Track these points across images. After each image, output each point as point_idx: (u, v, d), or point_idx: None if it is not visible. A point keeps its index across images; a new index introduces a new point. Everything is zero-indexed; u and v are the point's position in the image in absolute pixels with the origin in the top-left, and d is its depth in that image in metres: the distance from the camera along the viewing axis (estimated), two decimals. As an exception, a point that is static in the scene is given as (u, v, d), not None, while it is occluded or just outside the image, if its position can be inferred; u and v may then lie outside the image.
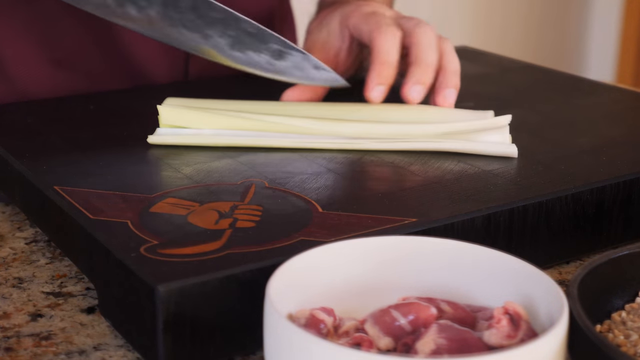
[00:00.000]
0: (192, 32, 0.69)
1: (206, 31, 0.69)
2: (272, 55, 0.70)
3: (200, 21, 0.68)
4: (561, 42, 2.78)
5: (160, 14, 0.68)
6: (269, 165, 0.66)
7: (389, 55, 0.74)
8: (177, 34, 0.69)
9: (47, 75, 0.86)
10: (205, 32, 0.69)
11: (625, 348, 0.48)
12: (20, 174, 0.64)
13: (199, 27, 0.69)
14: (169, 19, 0.68)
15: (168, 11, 0.68)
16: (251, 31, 0.69)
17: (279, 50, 0.70)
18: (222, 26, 0.69)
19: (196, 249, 0.51)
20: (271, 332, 0.43)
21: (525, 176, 0.63)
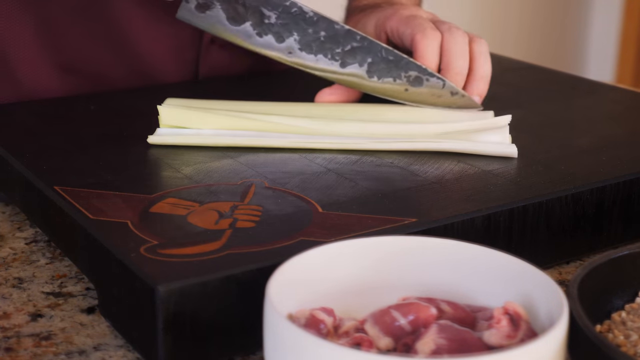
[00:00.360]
0: (330, 61, 0.72)
1: (345, 59, 0.72)
2: (409, 82, 0.72)
3: (339, 50, 0.71)
4: (561, 42, 2.78)
5: (299, 44, 0.71)
6: (269, 165, 0.66)
7: (431, 58, 0.75)
8: (315, 62, 0.72)
9: (56, 78, 0.86)
10: (345, 60, 0.72)
11: (625, 348, 0.48)
12: (20, 174, 0.64)
13: (338, 56, 0.71)
14: (308, 48, 0.71)
15: (307, 40, 0.71)
16: (390, 58, 0.72)
17: (416, 77, 0.72)
18: (362, 54, 0.72)
19: (196, 249, 0.51)
20: (271, 332, 0.43)
21: (525, 176, 0.63)
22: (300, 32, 0.71)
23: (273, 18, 0.70)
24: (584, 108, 0.82)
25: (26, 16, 0.83)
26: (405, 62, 0.72)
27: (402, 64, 0.72)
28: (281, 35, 0.71)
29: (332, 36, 0.71)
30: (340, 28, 0.71)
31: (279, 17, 0.70)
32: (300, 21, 0.71)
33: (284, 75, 0.93)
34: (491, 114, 0.73)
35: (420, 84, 0.72)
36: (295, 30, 0.71)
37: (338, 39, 0.71)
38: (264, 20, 0.70)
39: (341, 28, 0.71)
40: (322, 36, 0.71)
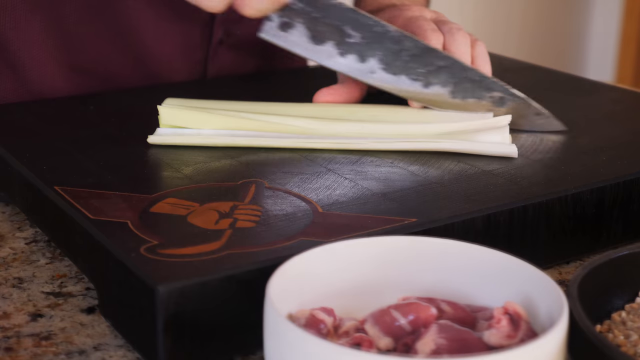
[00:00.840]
0: (413, 81, 0.70)
1: (429, 79, 0.70)
2: (494, 102, 0.71)
3: (424, 70, 0.70)
4: (561, 42, 2.78)
5: (382, 63, 0.70)
6: (269, 165, 0.66)
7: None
8: (396, 82, 0.71)
9: (64, 78, 0.86)
10: (428, 80, 0.70)
11: (625, 348, 0.48)
12: (20, 174, 0.64)
13: (422, 76, 0.70)
14: (390, 68, 0.70)
15: (390, 60, 0.70)
16: (475, 79, 0.71)
17: (500, 97, 0.71)
18: (446, 74, 0.70)
19: (196, 249, 0.51)
20: (271, 332, 0.43)
21: (525, 176, 0.63)
22: (383, 51, 0.70)
23: (357, 37, 0.69)
24: (584, 108, 0.82)
25: (35, 16, 0.84)
26: (489, 82, 0.71)
27: (486, 84, 0.71)
28: (363, 55, 0.70)
29: (416, 55, 0.70)
30: (425, 47, 0.70)
31: (363, 37, 0.69)
32: (384, 40, 0.69)
33: (289, 75, 0.93)
34: (491, 114, 0.73)
35: (503, 104, 0.71)
36: (378, 50, 0.70)
37: (422, 58, 0.70)
38: (346, 40, 0.69)
39: (425, 47, 0.70)
40: (406, 55, 0.70)
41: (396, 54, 0.69)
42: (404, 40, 0.69)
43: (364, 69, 0.70)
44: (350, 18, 0.69)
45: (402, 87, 0.71)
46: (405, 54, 0.70)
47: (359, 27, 0.69)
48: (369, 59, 0.70)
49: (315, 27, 0.69)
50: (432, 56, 0.70)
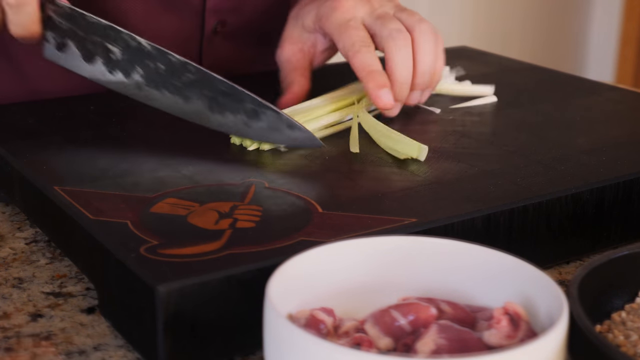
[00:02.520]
0: (174, 95, 0.68)
1: (185, 93, 0.68)
2: (248, 115, 0.68)
3: (179, 83, 0.68)
4: (561, 42, 2.78)
5: (145, 79, 0.68)
6: (269, 165, 0.66)
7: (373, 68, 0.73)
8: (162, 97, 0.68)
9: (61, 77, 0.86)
10: (186, 95, 0.68)
11: (625, 348, 0.48)
12: (20, 174, 0.64)
13: (179, 90, 0.68)
14: (153, 83, 0.68)
15: (151, 75, 0.68)
16: (226, 91, 0.67)
17: (253, 110, 0.67)
18: (200, 87, 0.67)
19: (196, 249, 0.51)
20: (271, 332, 0.43)
21: (525, 176, 0.63)
22: (143, 66, 0.67)
23: (118, 54, 0.67)
24: (584, 108, 0.82)
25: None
26: (239, 94, 0.67)
27: (236, 96, 0.67)
28: (128, 72, 0.68)
29: (169, 69, 0.67)
30: (176, 60, 0.67)
31: (123, 53, 0.67)
32: (140, 55, 0.67)
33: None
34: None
35: (258, 118, 0.68)
36: (139, 65, 0.67)
37: (175, 71, 0.67)
38: (111, 57, 0.68)
39: (177, 60, 0.67)
40: (162, 70, 0.67)
41: (154, 68, 0.67)
42: (157, 54, 0.67)
43: (130, 85, 0.68)
44: (109, 35, 0.67)
45: (167, 102, 0.68)
46: (161, 68, 0.67)
47: (118, 43, 0.67)
48: (133, 75, 0.68)
49: (84, 46, 0.67)
50: (183, 69, 0.67)
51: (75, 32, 0.67)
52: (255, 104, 0.67)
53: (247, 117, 0.67)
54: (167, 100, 0.68)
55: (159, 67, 0.67)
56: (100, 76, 0.68)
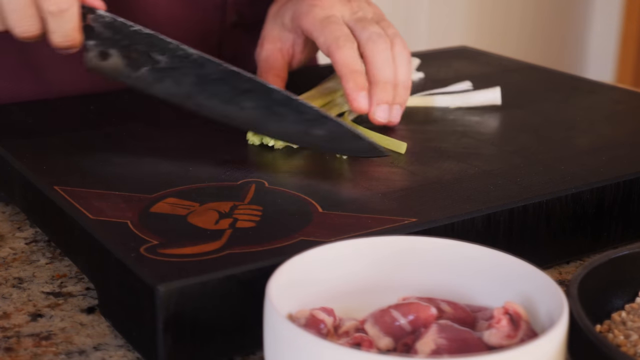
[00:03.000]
0: (226, 105, 0.67)
1: (240, 102, 0.67)
2: (307, 125, 0.67)
3: (232, 93, 0.67)
4: (561, 42, 2.78)
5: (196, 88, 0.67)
6: (269, 165, 0.66)
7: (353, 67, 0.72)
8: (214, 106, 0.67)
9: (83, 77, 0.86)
10: (240, 104, 0.67)
11: (625, 348, 0.48)
12: (20, 174, 0.64)
13: (233, 99, 0.67)
14: (204, 92, 0.67)
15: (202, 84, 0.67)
16: (281, 100, 0.67)
17: (313, 120, 0.67)
18: (254, 97, 0.67)
19: (196, 249, 0.51)
20: (271, 332, 0.43)
21: (525, 176, 0.63)
22: (192, 76, 0.67)
23: (164, 63, 0.66)
24: (584, 108, 0.82)
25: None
26: (296, 104, 0.66)
27: (293, 106, 0.66)
28: (177, 81, 0.67)
29: (222, 79, 0.67)
30: (226, 69, 0.66)
31: (170, 62, 0.66)
32: (188, 64, 0.66)
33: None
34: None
35: (318, 128, 0.66)
36: (188, 74, 0.67)
37: (228, 81, 0.67)
38: (156, 66, 0.67)
39: (227, 69, 0.66)
40: (213, 79, 0.67)
41: (204, 77, 0.67)
42: (206, 64, 0.66)
43: (179, 94, 0.67)
44: (154, 44, 0.66)
45: (217, 111, 0.67)
46: (212, 78, 0.67)
47: (164, 52, 0.67)
48: (182, 85, 0.67)
49: (128, 55, 0.67)
50: (236, 79, 0.66)
51: (117, 41, 0.66)
52: (316, 115, 0.66)
53: (306, 126, 0.67)
54: (219, 108, 0.67)
55: (210, 76, 0.67)
56: (144, 85, 0.68)
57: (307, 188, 0.61)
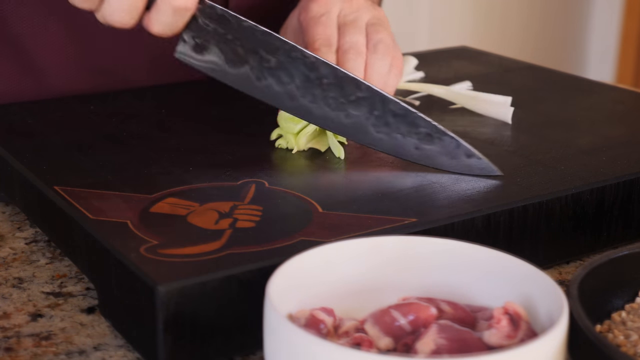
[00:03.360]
0: (334, 111, 0.66)
1: (349, 110, 0.66)
2: (420, 139, 0.65)
3: (343, 99, 0.66)
4: (561, 42, 2.78)
5: (302, 90, 0.66)
6: (269, 165, 0.66)
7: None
8: (317, 109, 0.66)
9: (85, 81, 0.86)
10: (349, 111, 0.66)
11: (625, 348, 0.48)
12: (20, 174, 0.64)
13: (342, 105, 0.66)
14: (310, 95, 0.66)
15: (309, 87, 0.66)
16: (398, 112, 0.66)
17: (427, 134, 0.65)
18: (367, 105, 0.66)
19: (196, 249, 0.51)
20: (271, 332, 0.43)
21: (525, 176, 0.63)
22: (301, 77, 0.65)
23: (272, 62, 0.65)
24: (584, 108, 0.82)
25: (54, 18, 0.83)
26: (414, 117, 0.65)
27: (410, 119, 0.65)
28: (281, 80, 0.65)
29: (335, 83, 0.65)
30: (345, 75, 0.65)
31: (280, 62, 0.65)
32: (301, 65, 0.65)
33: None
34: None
35: (431, 142, 0.65)
36: (296, 76, 0.65)
37: (342, 86, 0.66)
38: (264, 64, 0.65)
39: (345, 75, 0.65)
40: (325, 83, 0.65)
41: (315, 80, 0.65)
42: (322, 66, 0.65)
43: (281, 94, 0.66)
44: (265, 41, 0.65)
45: (320, 115, 0.66)
46: (324, 82, 0.66)
47: (277, 52, 0.65)
48: (287, 85, 0.65)
49: (231, 50, 0.65)
50: (352, 85, 0.65)
51: (222, 35, 0.65)
52: (432, 129, 0.65)
53: (419, 140, 0.65)
54: (323, 113, 0.66)
55: (324, 80, 0.65)
56: (242, 81, 0.66)
57: (307, 188, 0.61)
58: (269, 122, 0.70)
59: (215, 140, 0.70)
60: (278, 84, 0.65)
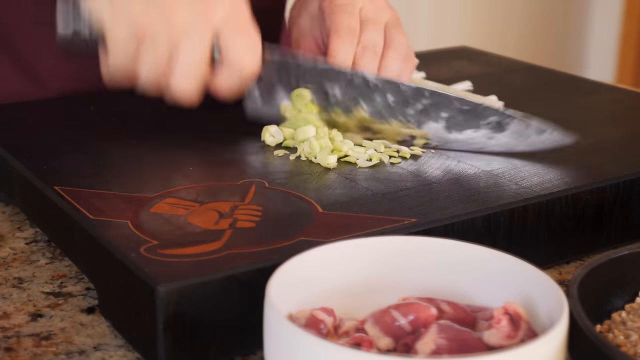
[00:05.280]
0: (405, 123, 0.68)
1: (420, 119, 0.68)
2: (492, 129, 0.68)
3: (412, 111, 0.68)
4: (561, 42, 2.78)
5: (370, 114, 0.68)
6: (269, 165, 0.66)
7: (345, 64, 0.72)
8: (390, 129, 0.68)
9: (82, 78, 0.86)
10: (420, 120, 0.68)
11: (625, 348, 0.48)
12: (20, 174, 0.64)
13: (412, 117, 0.68)
14: (379, 116, 0.68)
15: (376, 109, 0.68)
16: (465, 108, 0.67)
17: (498, 122, 0.67)
18: (435, 110, 0.67)
19: (196, 249, 0.51)
20: (271, 332, 0.43)
21: (525, 176, 0.63)
22: (368, 101, 0.68)
23: (339, 95, 0.67)
24: (584, 108, 0.82)
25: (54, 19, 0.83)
26: (481, 109, 0.67)
27: (478, 112, 0.68)
28: (349, 109, 0.68)
29: (401, 99, 0.67)
30: (407, 88, 0.67)
31: (344, 92, 0.67)
32: (365, 91, 0.67)
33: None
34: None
35: (503, 129, 0.67)
36: (363, 101, 0.67)
37: (407, 100, 0.67)
38: (330, 99, 0.68)
39: (408, 88, 0.67)
40: (392, 101, 0.67)
41: (381, 102, 0.67)
42: (384, 86, 0.67)
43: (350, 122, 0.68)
44: (328, 76, 0.67)
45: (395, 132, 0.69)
46: (390, 100, 0.68)
47: (340, 83, 0.67)
48: (355, 112, 0.68)
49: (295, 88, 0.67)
50: (417, 96, 0.67)
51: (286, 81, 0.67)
52: (500, 116, 0.67)
53: (490, 130, 0.67)
54: (395, 128, 0.68)
55: (388, 99, 0.67)
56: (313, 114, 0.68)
57: (307, 188, 0.61)
58: (269, 122, 0.71)
59: (216, 140, 0.70)
60: (346, 113, 0.68)
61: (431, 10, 2.38)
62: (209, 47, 0.63)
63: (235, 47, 0.64)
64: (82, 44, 0.63)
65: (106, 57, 0.63)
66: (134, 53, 0.62)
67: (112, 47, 0.62)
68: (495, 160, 0.67)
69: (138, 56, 0.62)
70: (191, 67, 0.62)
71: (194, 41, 0.62)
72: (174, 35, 0.61)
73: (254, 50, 0.65)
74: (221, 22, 0.63)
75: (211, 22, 0.63)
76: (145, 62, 0.62)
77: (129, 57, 0.62)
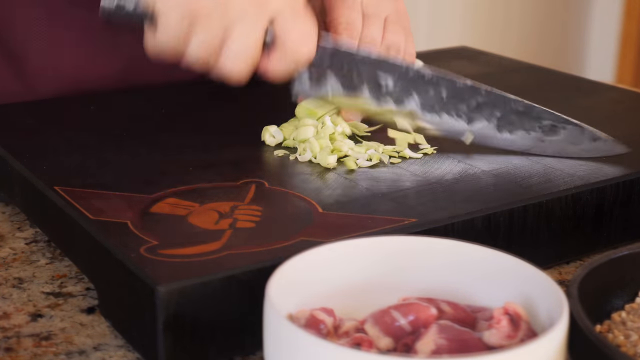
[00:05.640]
0: (456, 120, 0.68)
1: (472, 116, 0.68)
2: (544, 131, 0.67)
3: (465, 107, 0.68)
4: (561, 42, 2.78)
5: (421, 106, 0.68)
6: (269, 165, 0.66)
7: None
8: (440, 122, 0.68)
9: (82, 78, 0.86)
10: (471, 117, 0.68)
11: (625, 348, 0.48)
12: (20, 174, 0.64)
13: (464, 114, 0.68)
14: (430, 109, 0.68)
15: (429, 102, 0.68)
16: (520, 110, 0.68)
17: (551, 125, 0.67)
18: (489, 109, 0.67)
19: (196, 249, 0.51)
20: (271, 332, 0.43)
21: (525, 176, 0.63)
22: (421, 94, 0.68)
23: (390, 86, 0.67)
24: (584, 108, 0.82)
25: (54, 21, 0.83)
26: (537, 112, 0.68)
27: (534, 114, 0.68)
28: (401, 100, 0.68)
29: (455, 95, 0.68)
30: (463, 86, 0.67)
31: (396, 83, 0.67)
32: (419, 84, 0.67)
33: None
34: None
35: (556, 133, 0.67)
36: (416, 93, 0.68)
37: (462, 96, 0.68)
38: (382, 90, 0.68)
39: (464, 85, 0.68)
40: (445, 96, 0.67)
41: (435, 96, 0.68)
42: (440, 81, 0.68)
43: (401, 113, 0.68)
44: (382, 67, 0.67)
45: (446, 127, 0.68)
46: (444, 95, 0.68)
47: (393, 75, 0.67)
48: (407, 104, 0.68)
49: (347, 79, 0.68)
50: (472, 93, 0.68)
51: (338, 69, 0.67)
52: (555, 120, 0.67)
53: (542, 133, 0.67)
54: (447, 125, 0.68)
55: (441, 93, 0.67)
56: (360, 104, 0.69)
57: (307, 188, 0.61)
58: (269, 122, 0.71)
59: (215, 141, 0.70)
60: (398, 104, 0.68)
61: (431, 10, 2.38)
62: (263, 33, 0.63)
63: (292, 34, 0.64)
64: (124, 17, 0.63)
65: (153, 33, 0.63)
66: (185, 31, 0.62)
67: (163, 24, 0.62)
68: (495, 160, 0.67)
69: (189, 35, 0.62)
70: (243, 51, 0.63)
71: (249, 26, 0.62)
72: (228, 19, 0.62)
73: (310, 37, 0.65)
74: (277, 8, 0.63)
75: (267, 9, 0.63)
76: (196, 42, 0.62)
77: (179, 35, 0.62)
